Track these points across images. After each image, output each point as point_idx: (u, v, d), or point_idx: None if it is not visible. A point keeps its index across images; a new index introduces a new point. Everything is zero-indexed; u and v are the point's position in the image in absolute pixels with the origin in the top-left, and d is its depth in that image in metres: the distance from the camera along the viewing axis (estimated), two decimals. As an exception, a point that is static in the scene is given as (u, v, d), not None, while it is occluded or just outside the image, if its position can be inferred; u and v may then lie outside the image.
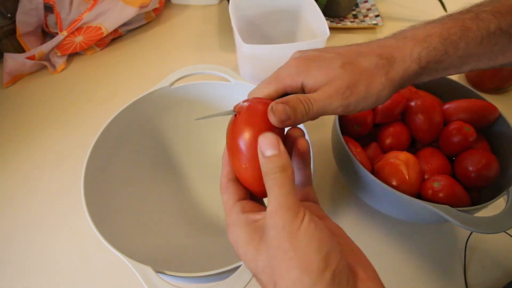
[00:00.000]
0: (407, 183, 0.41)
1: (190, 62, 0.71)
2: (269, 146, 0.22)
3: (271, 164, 0.22)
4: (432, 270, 0.44)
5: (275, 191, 0.21)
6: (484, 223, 0.35)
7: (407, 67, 0.27)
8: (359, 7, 0.83)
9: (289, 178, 0.22)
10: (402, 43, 0.28)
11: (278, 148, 0.23)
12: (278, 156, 0.22)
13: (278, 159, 0.22)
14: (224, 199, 0.25)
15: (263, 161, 0.23)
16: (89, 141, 0.39)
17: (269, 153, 0.22)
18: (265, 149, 0.22)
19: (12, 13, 0.66)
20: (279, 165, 0.22)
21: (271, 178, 0.22)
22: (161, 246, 0.42)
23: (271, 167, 0.22)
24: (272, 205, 0.21)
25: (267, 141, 0.23)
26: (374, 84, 0.27)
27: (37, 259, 0.45)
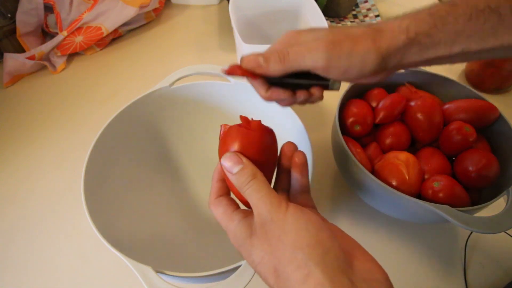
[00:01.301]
0: (407, 183, 0.41)
1: (190, 62, 0.71)
2: (233, 164, 0.24)
3: (241, 178, 0.24)
4: (432, 269, 0.44)
5: (255, 196, 0.23)
6: (484, 223, 0.35)
7: (395, 36, 0.27)
8: (359, 7, 0.83)
9: (262, 182, 0.24)
10: (392, 20, 0.29)
11: (241, 161, 0.24)
12: (244, 168, 0.24)
13: (245, 171, 0.24)
14: (220, 212, 0.26)
15: (233, 179, 0.24)
16: (89, 141, 0.39)
17: (236, 170, 0.24)
18: (230, 169, 0.24)
19: (12, 13, 0.66)
20: (248, 174, 0.24)
21: (246, 188, 0.24)
22: (161, 246, 0.42)
23: (242, 180, 0.24)
24: (258, 207, 0.23)
25: (229, 160, 0.25)
26: (360, 45, 0.27)
27: (37, 259, 0.45)
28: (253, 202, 0.23)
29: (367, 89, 0.52)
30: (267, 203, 0.22)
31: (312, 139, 0.40)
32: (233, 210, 0.25)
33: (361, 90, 0.51)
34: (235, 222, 0.24)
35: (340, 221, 0.47)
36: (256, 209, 0.23)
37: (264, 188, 0.23)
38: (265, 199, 0.23)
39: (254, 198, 0.23)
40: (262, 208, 0.22)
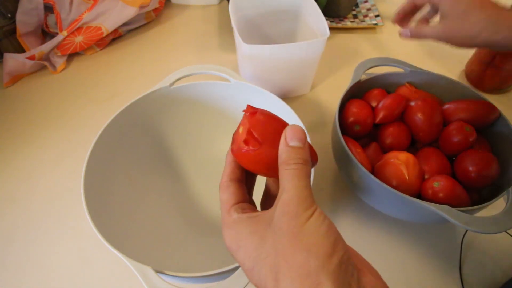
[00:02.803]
0: (407, 183, 0.41)
1: (190, 62, 0.71)
2: (296, 137, 0.23)
3: (293, 154, 0.22)
4: (431, 269, 0.44)
5: (293, 182, 0.21)
6: (484, 223, 0.35)
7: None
8: (359, 7, 0.83)
9: (308, 173, 0.22)
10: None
11: (304, 142, 0.23)
12: (302, 149, 0.23)
13: (302, 151, 0.22)
14: (224, 198, 0.25)
15: (285, 150, 0.22)
16: (89, 141, 0.39)
17: (294, 144, 0.22)
18: (291, 139, 0.23)
19: (12, 13, 0.66)
20: (301, 157, 0.22)
21: (291, 167, 0.22)
22: (161, 246, 0.42)
23: (292, 157, 0.22)
24: (289, 194, 0.21)
25: (295, 132, 0.23)
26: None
27: (37, 259, 0.45)
28: (287, 186, 0.21)
29: (367, 89, 0.52)
30: (300, 196, 0.21)
31: (312, 139, 0.40)
32: (236, 201, 0.24)
33: (361, 90, 0.51)
34: (233, 217, 0.23)
35: (340, 221, 0.47)
36: (286, 197, 0.21)
37: (305, 180, 0.22)
38: (301, 192, 0.21)
39: (291, 184, 0.21)
40: (293, 199, 0.20)
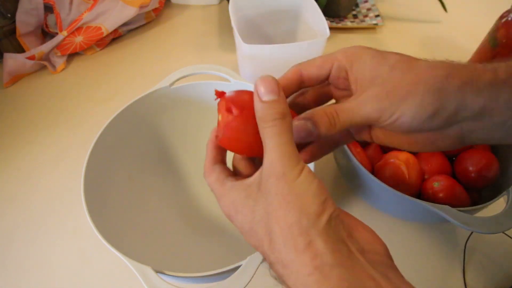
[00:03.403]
0: (407, 183, 0.41)
1: (190, 62, 0.71)
2: (269, 90, 0.21)
3: (269, 110, 0.20)
4: (431, 269, 0.44)
5: (274, 140, 0.20)
6: (484, 223, 0.35)
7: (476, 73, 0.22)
8: (359, 7, 0.83)
9: (289, 127, 0.21)
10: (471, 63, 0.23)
11: (278, 93, 0.21)
12: (277, 102, 0.21)
13: (277, 105, 0.21)
14: (213, 178, 0.24)
15: (260, 107, 0.21)
16: (89, 141, 0.39)
17: (267, 98, 0.21)
18: (263, 93, 0.21)
19: (12, 13, 0.65)
20: (279, 111, 0.20)
21: (269, 125, 0.20)
22: (161, 246, 0.42)
23: (268, 114, 0.20)
24: (272, 154, 0.20)
25: (266, 85, 0.21)
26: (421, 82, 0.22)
27: (37, 259, 0.45)
28: (269, 146, 0.20)
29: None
30: (284, 154, 0.20)
31: (312, 139, 0.40)
32: (226, 176, 0.24)
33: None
34: (227, 186, 0.23)
35: (340, 221, 0.47)
36: (270, 156, 0.20)
37: (287, 135, 0.20)
38: (284, 149, 0.20)
39: (273, 142, 0.20)
40: (277, 158, 0.20)
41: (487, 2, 0.83)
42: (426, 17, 0.82)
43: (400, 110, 0.22)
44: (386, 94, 0.22)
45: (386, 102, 0.22)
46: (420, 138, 0.24)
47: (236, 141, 0.24)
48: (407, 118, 0.22)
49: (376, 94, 0.23)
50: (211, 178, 0.25)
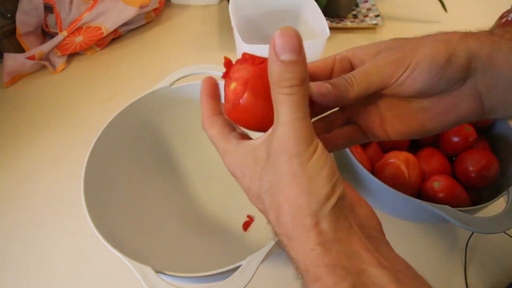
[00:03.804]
0: (407, 183, 0.41)
1: (190, 62, 0.71)
2: (289, 46, 0.17)
3: (286, 72, 0.18)
4: (432, 269, 0.44)
5: (290, 112, 0.18)
6: (484, 223, 0.35)
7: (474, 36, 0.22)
8: (359, 7, 0.83)
9: (306, 98, 0.19)
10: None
11: (299, 52, 0.18)
12: (297, 63, 0.18)
13: (297, 67, 0.18)
14: (215, 131, 0.23)
15: (276, 67, 0.18)
16: (89, 141, 0.39)
17: (286, 57, 0.17)
18: (281, 50, 0.17)
19: (12, 13, 0.65)
20: (297, 76, 0.18)
21: (285, 92, 0.18)
22: (161, 246, 0.42)
23: (287, 77, 0.18)
24: (286, 129, 0.18)
25: (286, 40, 0.17)
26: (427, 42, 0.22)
27: (37, 259, 0.45)
28: (283, 118, 0.18)
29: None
30: (300, 131, 0.18)
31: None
32: (230, 131, 0.23)
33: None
34: (233, 143, 0.22)
35: (340, 221, 0.47)
36: (283, 131, 0.18)
37: (303, 108, 0.18)
38: (299, 125, 0.18)
39: (288, 115, 0.18)
40: (292, 135, 0.18)
41: (487, 2, 0.83)
42: (426, 17, 0.82)
43: (416, 59, 0.22)
44: (397, 50, 0.23)
45: (400, 54, 0.22)
46: (440, 105, 0.23)
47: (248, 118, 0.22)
48: (425, 65, 0.22)
49: (387, 53, 0.23)
50: (213, 131, 0.23)
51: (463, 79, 0.22)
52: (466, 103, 0.23)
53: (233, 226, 0.47)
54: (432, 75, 0.22)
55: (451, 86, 0.23)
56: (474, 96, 0.23)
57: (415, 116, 0.24)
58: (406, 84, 0.23)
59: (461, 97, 0.23)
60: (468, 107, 0.23)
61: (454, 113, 0.23)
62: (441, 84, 0.22)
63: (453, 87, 0.23)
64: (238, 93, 0.22)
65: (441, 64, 0.21)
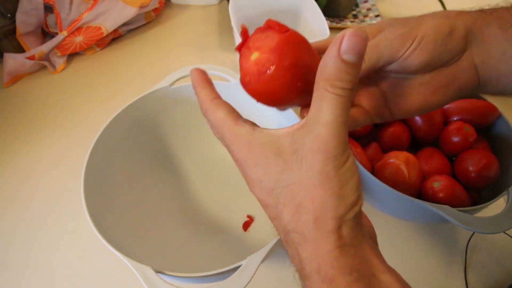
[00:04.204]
0: (407, 183, 0.41)
1: (190, 62, 0.71)
2: (356, 48, 0.17)
3: (345, 73, 0.18)
4: (432, 270, 0.44)
5: (336, 113, 0.18)
6: (484, 223, 0.35)
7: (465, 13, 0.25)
8: (359, 7, 0.83)
9: (351, 103, 0.19)
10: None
11: (362, 57, 0.18)
12: (356, 67, 0.18)
13: (355, 71, 0.18)
14: (222, 115, 0.21)
15: (334, 63, 0.18)
16: (89, 141, 0.39)
17: (349, 57, 0.17)
18: (346, 49, 0.17)
19: (12, 13, 0.65)
20: (351, 79, 0.18)
21: (336, 91, 0.18)
22: (161, 246, 0.42)
23: (343, 78, 0.18)
24: (328, 129, 0.18)
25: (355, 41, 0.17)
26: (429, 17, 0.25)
27: (37, 259, 0.45)
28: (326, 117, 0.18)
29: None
30: (341, 135, 0.18)
31: (312, 139, 0.40)
32: (239, 115, 0.21)
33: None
34: (246, 128, 0.20)
35: (340, 221, 0.47)
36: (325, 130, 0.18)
37: (347, 113, 0.19)
38: (341, 129, 0.18)
39: (333, 115, 0.18)
40: (333, 136, 0.18)
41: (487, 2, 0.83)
42: (426, 17, 0.82)
43: (421, 31, 0.23)
44: (402, 25, 0.24)
45: (406, 28, 0.24)
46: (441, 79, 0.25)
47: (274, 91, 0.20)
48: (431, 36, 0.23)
49: (393, 28, 0.24)
50: (219, 114, 0.21)
51: (462, 51, 0.24)
52: (464, 75, 0.25)
53: (233, 226, 0.47)
54: (437, 45, 0.23)
55: (452, 57, 0.24)
56: (470, 68, 0.24)
57: (418, 91, 0.26)
58: (413, 56, 0.24)
59: (459, 70, 0.24)
60: (466, 79, 0.25)
61: (454, 85, 0.25)
62: (444, 55, 0.24)
63: (453, 59, 0.24)
64: (265, 63, 0.20)
65: (445, 34, 0.23)
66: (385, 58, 0.24)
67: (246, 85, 0.21)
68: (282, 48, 0.19)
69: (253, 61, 0.20)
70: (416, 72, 0.25)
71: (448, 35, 0.23)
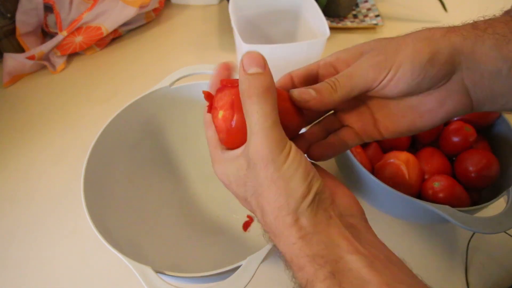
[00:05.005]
0: (407, 183, 0.41)
1: (190, 62, 0.71)
2: (254, 63, 0.20)
3: (253, 81, 0.20)
4: (432, 270, 0.44)
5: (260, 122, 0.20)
6: (484, 223, 0.35)
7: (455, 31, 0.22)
8: (359, 7, 0.83)
9: (274, 104, 0.20)
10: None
11: (264, 67, 0.20)
12: (263, 74, 0.20)
13: (263, 77, 0.20)
14: (209, 135, 0.25)
15: (244, 79, 0.20)
16: (89, 141, 0.39)
17: (253, 70, 0.20)
18: (248, 65, 0.20)
19: (12, 13, 0.65)
20: (263, 84, 0.20)
21: (253, 101, 0.20)
22: (161, 246, 0.42)
23: (254, 86, 0.20)
24: (258, 138, 0.20)
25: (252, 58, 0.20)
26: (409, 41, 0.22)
27: (37, 259, 0.45)
28: (254, 128, 0.20)
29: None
30: (271, 139, 0.20)
31: (312, 139, 0.40)
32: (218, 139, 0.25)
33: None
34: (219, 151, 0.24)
35: (340, 221, 0.47)
36: (256, 140, 0.20)
37: (272, 116, 0.20)
38: (270, 133, 0.20)
39: (258, 125, 0.20)
40: (264, 144, 0.20)
41: (488, 2, 0.83)
42: (426, 17, 0.82)
43: (398, 60, 0.22)
44: (379, 52, 0.23)
45: (382, 57, 0.22)
46: (428, 102, 0.23)
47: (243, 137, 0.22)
48: (407, 66, 0.22)
49: (370, 55, 0.23)
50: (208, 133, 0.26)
51: (448, 75, 0.22)
52: (453, 98, 0.23)
53: (233, 226, 0.47)
54: (415, 75, 0.22)
55: (436, 83, 0.23)
56: (461, 91, 0.23)
57: (404, 115, 0.25)
58: (390, 86, 0.23)
59: (448, 93, 0.23)
60: (456, 103, 0.23)
61: (442, 109, 0.24)
62: (425, 83, 0.23)
63: (439, 84, 0.23)
64: (228, 118, 0.22)
65: (423, 63, 0.22)
66: (359, 88, 0.23)
67: (223, 141, 0.24)
68: (237, 100, 0.22)
69: (220, 119, 0.23)
70: (398, 97, 0.24)
71: (427, 62, 0.22)
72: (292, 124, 0.24)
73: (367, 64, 0.23)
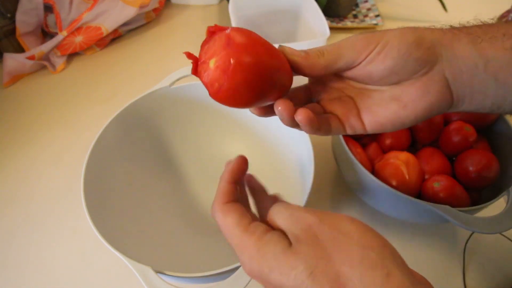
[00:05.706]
0: (407, 183, 0.41)
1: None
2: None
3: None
4: (431, 270, 0.44)
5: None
6: (484, 223, 0.35)
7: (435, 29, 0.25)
8: (359, 7, 0.83)
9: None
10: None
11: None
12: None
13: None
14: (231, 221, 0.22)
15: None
16: (89, 141, 0.39)
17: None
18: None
19: (12, 13, 0.65)
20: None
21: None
22: (161, 246, 0.42)
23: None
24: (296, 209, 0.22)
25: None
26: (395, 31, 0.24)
27: (37, 259, 0.45)
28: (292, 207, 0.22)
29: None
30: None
31: (312, 139, 0.40)
32: (250, 221, 0.22)
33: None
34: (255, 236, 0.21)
35: (340, 221, 0.47)
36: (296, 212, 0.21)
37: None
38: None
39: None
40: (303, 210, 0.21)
41: (487, 2, 0.83)
42: (426, 17, 0.82)
43: (385, 37, 0.23)
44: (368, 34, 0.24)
45: (370, 35, 0.24)
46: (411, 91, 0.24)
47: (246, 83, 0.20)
48: (395, 41, 0.23)
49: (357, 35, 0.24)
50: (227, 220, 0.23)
51: (431, 62, 0.23)
52: (435, 89, 0.24)
53: (233, 226, 0.47)
54: (401, 52, 0.23)
55: (420, 68, 0.23)
56: (442, 82, 0.24)
57: (388, 105, 0.25)
58: (377, 61, 0.23)
59: (431, 83, 0.24)
60: (438, 94, 0.24)
61: (425, 99, 0.24)
62: (409, 64, 0.23)
63: (422, 70, 0.23)
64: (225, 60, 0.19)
65: (409, 42, 0.23)
66: (346, 59, 0.24)
67: (217, 93, 0.21)
68: (233, 39, 0.19)
69: (213, 67, 0.20)
70: (382, 80, 0.24)
71: (412, 43, 0.23)
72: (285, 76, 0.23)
73: (355, 38, 0.24)
